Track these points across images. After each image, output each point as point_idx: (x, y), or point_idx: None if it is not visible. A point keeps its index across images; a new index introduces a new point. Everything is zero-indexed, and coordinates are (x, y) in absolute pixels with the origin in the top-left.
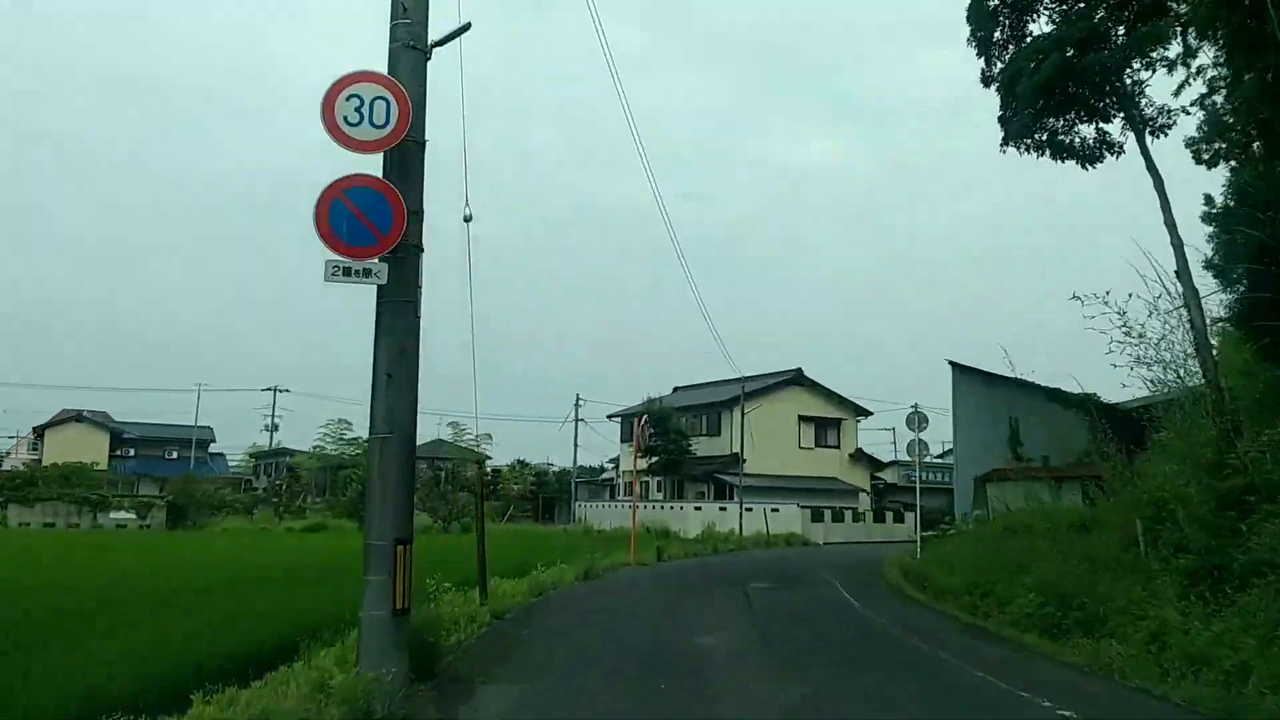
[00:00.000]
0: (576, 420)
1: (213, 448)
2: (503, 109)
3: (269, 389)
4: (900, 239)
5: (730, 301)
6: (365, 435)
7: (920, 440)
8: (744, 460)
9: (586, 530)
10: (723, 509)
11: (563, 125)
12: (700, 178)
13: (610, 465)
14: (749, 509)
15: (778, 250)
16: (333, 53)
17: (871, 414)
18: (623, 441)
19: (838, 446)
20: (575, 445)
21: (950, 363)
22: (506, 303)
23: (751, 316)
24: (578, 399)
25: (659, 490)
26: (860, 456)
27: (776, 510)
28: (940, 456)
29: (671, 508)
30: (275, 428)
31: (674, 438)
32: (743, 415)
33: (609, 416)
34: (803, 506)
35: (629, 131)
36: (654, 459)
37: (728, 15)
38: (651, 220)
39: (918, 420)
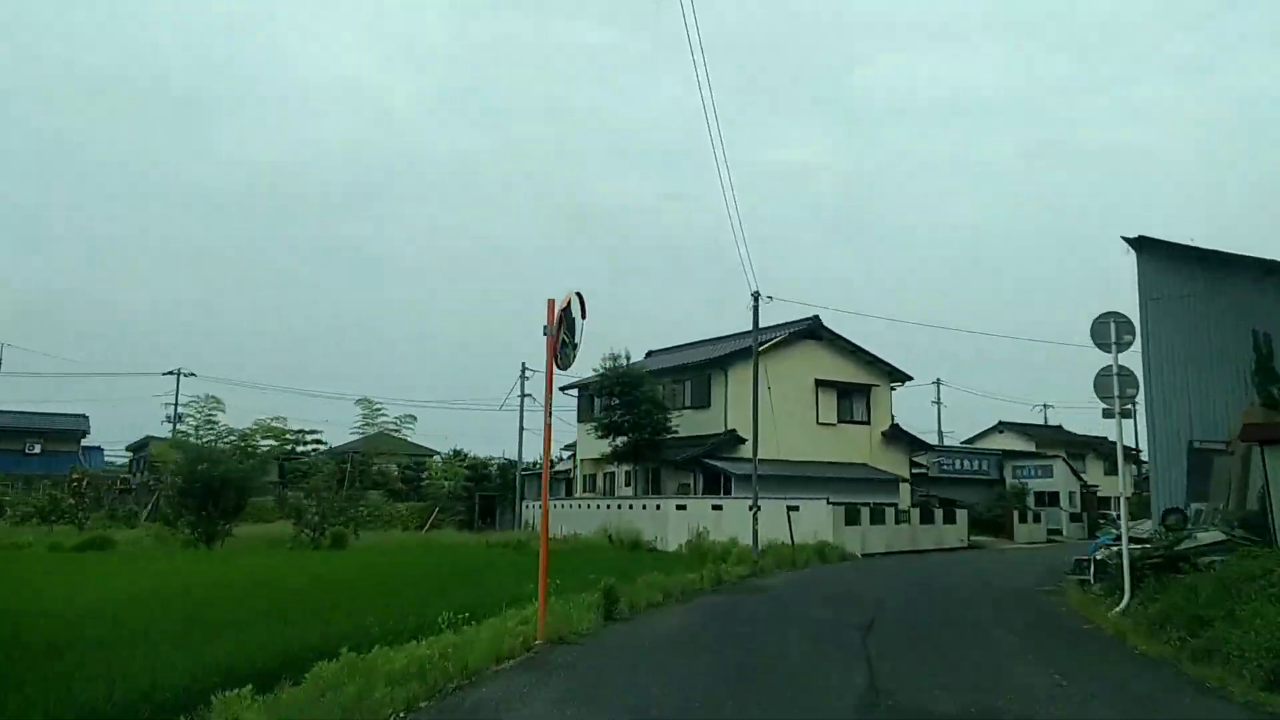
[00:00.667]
0: (522, 395)
1: (87, 440)
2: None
3: (171, 373)
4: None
5: (715, 301)
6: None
7: (1124, 370)
8: (756, 437)
9: (521, 543)
10: (717, 507)
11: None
12: (685, 177)
13: (566, 455)
14: (754, 506)
15: (764, 250)
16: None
17: (910, 378)
18: (580, 422)
19: (867, 421)
20: (520, 429)
21: (1133, 240)
22: (459, 278)
23: (733, 317)
24: (523, 370)
25: (628, 484)
26: (897, 435)
27: (796, 509)
28: (972, 441)
29: (644, 506)
30: (179, 418)
31: (646, 409)
32: (756, 369)
33: (563, 389)
34: (833, 503)
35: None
36: (618, 440)
37: (715, 15)
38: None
39: (1114, 331)
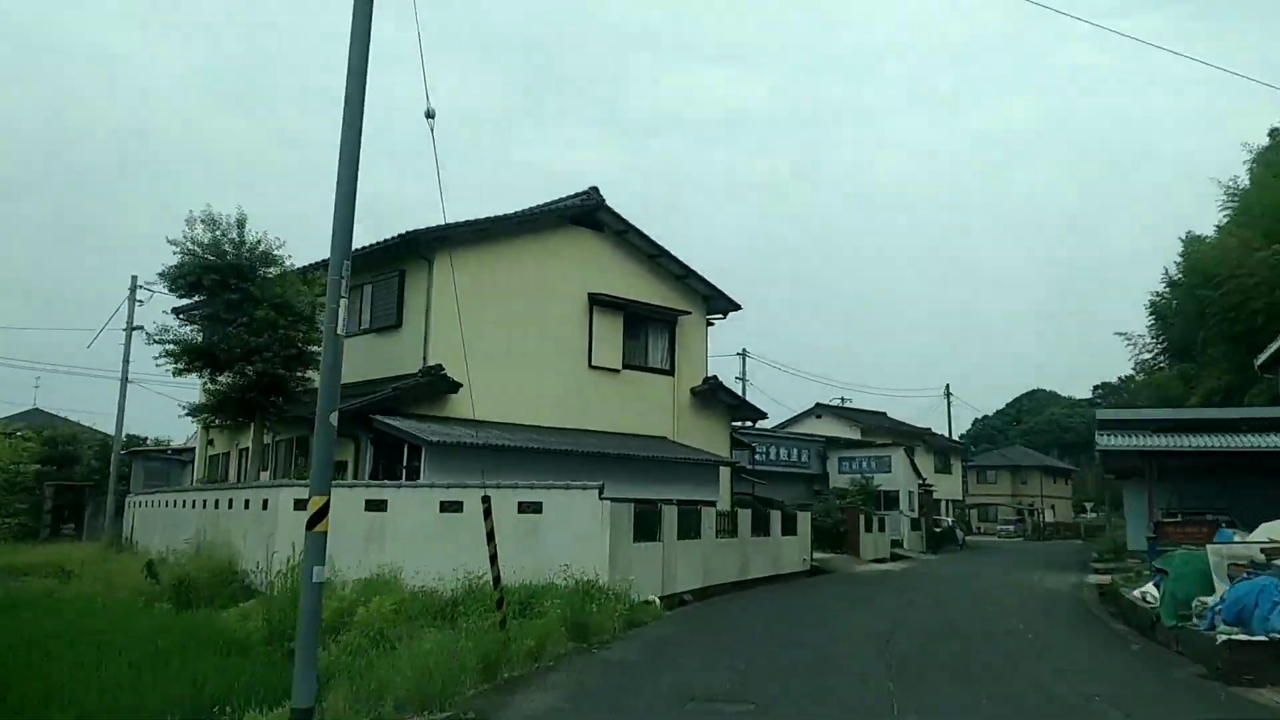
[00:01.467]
0: (130, 328)
1: None
2: None
3: None
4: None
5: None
6: None
7: None
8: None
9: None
10: (377, 505)
11: None
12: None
13: (192, 422)
14: (453, 505)
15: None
16: None
17: (739, 307)
18: (192, 364)
19: (670, 370)
20: (124, 378)
21: None
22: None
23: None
24: (133, 285)
25: (256, 463)
26: (716, 394)
27: (538, 509)
28: (784, 427)
29: (246, 503)
30: None
31: (269, 319)
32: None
33: (178, 311)
34: (610, 500)
35: None
36: (219, 379)
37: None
38: None
39: None
